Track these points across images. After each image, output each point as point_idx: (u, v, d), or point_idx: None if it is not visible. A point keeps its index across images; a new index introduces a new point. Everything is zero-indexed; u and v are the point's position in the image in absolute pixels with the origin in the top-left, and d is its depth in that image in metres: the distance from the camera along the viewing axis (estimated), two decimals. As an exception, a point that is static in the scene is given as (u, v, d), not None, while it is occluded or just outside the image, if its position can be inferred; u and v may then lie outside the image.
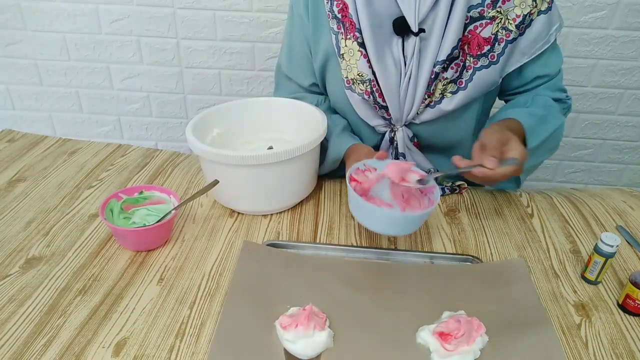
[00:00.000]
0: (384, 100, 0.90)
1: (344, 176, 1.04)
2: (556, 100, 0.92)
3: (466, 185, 0.98)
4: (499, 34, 0.84)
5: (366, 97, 0.90)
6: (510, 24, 0.83)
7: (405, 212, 0.74)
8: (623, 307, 0.72)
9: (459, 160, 0.74)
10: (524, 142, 0.81)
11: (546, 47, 0.86)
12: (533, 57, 0.87)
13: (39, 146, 1.09)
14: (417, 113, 0.90)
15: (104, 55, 1.68)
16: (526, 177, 0.93)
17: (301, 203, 0.93)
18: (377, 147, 0.99)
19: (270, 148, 0.95)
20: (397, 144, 0.95)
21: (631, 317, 0.71)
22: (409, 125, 0.94)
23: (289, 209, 0.91)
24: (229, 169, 0.82)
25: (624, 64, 1.58)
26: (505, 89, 0.95)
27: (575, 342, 0.67)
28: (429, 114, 0.90)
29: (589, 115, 1.70)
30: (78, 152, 1.07)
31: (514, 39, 0.84)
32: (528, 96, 0.92)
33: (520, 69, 0.89)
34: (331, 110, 1.01)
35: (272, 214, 0.90)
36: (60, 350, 0.62)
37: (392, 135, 0.95)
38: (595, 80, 1.62)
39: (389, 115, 0.92)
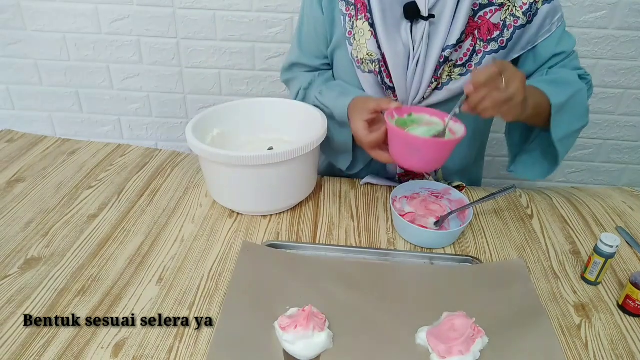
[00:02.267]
0: (391, 81, 0.92)
1: (343, 175, 1.04)
2: None
3: (465, 186, 0.98)
4: (507, 20, 0.87)
5: (375, 76, 0.93)
6: (518, 11, 0.86)
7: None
8: (623, 308, 0.72)
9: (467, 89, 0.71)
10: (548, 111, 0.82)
11: (547, 35, 0.89)
12: (535, 44, 0.90)
13: (38, 146, 1.08)
14: (424, 97, 0.92)
15: (104, 55, 1.67)
16: (565, 153, 0.91)
17: (301, 204, 0.93)
18: None
19: (271, 149, 0.95)
20: None
21: (631, 318, 0.71)
22: None
23: (288, 210, 0.91)
24: (229, 170, 0.82)
25: (624, 64, 1.57)
26: None
27: (576, 343, 0.67)
28: (438, 96, 0.92)
29: (589, 115, 1.69)
30: (77, 152, 1.07)
31: (522, 26, 0.87)
32: (542, 71, 0.92)
33: (534, 51, 0.91)
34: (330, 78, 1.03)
35: (271, 215, 0.90)
36: (59, 352, 0.62)
37: None
38: (595, 80, 1.61)
39: (396, 96, 0.94)
